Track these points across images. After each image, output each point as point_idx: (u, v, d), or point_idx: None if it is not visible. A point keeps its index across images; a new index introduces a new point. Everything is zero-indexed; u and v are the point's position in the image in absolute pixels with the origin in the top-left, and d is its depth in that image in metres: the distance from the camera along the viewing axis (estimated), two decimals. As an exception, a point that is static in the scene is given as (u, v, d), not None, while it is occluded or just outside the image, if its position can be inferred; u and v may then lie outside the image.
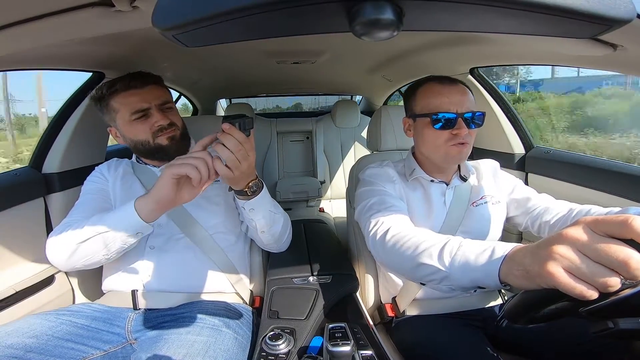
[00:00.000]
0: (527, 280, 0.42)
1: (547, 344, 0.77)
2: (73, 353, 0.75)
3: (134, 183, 0.97)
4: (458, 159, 0.85)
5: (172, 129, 0.93)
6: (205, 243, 0.93)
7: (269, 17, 0.31)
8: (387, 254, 0.70)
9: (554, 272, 0.37)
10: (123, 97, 0.89)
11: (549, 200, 0.87)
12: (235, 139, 0.67)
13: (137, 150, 0.95)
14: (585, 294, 0.35)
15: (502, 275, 0.47)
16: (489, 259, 0.49)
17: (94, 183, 0.97)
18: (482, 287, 0.52)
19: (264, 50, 1.29)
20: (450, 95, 0.81)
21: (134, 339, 0.83)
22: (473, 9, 0.31)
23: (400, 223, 0.73)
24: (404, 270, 0.68)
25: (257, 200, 0.83)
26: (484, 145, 1.50)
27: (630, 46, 0.64)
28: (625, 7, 0.30)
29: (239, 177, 0.74)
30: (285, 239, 1.02)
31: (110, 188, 0.96)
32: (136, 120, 0.89)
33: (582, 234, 0.37)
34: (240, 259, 1.02)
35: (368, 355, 0.63)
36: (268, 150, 2.37)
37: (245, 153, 0.69)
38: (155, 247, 0.90)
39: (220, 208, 0.97)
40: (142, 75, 0.93)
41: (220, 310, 0.88)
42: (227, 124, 0.66)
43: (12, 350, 0.68)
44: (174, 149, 0.93)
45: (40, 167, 1.10)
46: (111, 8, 0.55)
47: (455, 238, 0.59)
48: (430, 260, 0.58)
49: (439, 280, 0.58)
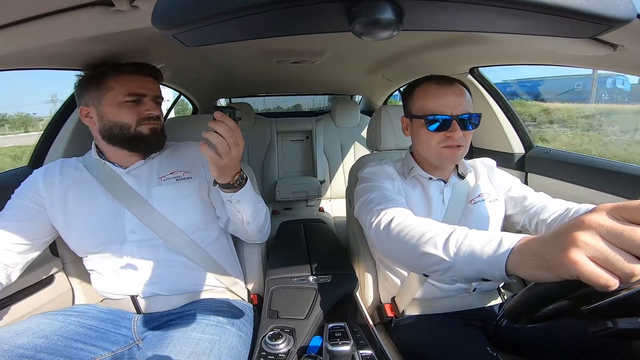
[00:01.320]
0: (545, 271, 0.39)
1: (547, 344, 0.77)
2: (82, 354, 0.75)
3: (93, 186, 0.89)
4: (452, 161, 0.86)
5: (157, 122, 0.91)
6: (183, 244, 0.89)
7: (269, 17, 0.31)
8: (391, 243, 0.68)
9: (578, 260, 0.35)
10: (126, 79, 0.86)
11: (546, 199, 0.87)
12: (227, 125, 0.70)
13: (111, 134, 0.86)
14: (610, 283, 0.33)
15: (511, 267, 0.45)
16: (496, 250, 0.48)
17: (25, 195, 0.87)
18: (487, 279, 0.50)
19: (263, 50, 1.29)
20: (446, 96, 0.82)
21: (140, 339, 0.83)
22: (473, 9, 0.31)
23: (404, 213, 0.72)
24: (407, 260, 0.65)
25: (243, 192, 0.83)
26: (484, 145, 1.50)
27: (630, 46, 0.64)
28: (625, 7, 0.30)
29: (227, 166, 0.74)
30: (267, 229, 1.01)
31: (45, 198, 0.87)
32: (127, 103, 0.86)
33: (605, 220, 0.35)
34: (225, 257, 0.99)
35: (368, 355, 0.63)
36: (268, 150, 2.37)
37: (235, 140, 0.71)
38: (134, 255, 0.87)
39: (196, 205, 0.94)
40: (149, 66, 0.92)
41: (224, 308, 0.88)
42: (218, 112, 0.70)
43: (23, 350, 0.68)
44: (154, 140, 0.90)
45: (39, 166, 1.09)
46: (111, 8, 0.55)
47: (461, 228, 0.58)
48: (434, 250, 0.57)
49: (443, 270, 0.56)
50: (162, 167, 0.95)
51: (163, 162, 0.96)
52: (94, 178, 0.90)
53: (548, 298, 0.41)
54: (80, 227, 0.86)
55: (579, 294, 0.38)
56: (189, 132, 1.20)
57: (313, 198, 2.32)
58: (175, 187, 0.92)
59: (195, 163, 0.97)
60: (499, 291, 0.96)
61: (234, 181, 0.79)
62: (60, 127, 1.10)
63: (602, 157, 1.12)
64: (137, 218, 0.87)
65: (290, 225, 1.44)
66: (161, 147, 0.96)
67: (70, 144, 1.11)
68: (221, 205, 0.93)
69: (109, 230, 0.87)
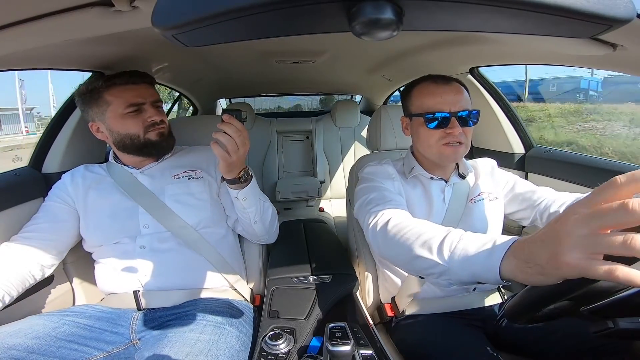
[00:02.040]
0: (543, 276, 0.38)
1: (547, 344, 0.77)
2: (76, 354, 0.75)
3: (110, 186, 0.95)
4: (453, 159, 0.86)
5: (162, 126, 0.96)
6: (192, 239, 0.93)
7: (269, 17, 0.31)
8: (387, 245, 0.69)
9: (570, 262, 0.34)
10: (120, 91, 0.90)
11: (552, 192, 0.88)
12: (235, 126, 0.76)
13: (124, 145, 0.93)
14: (634, 278, 0.30)
15: (507, 272, 0.44)
16: (489, 255, 0.47)
17: (56, 196, 0.95)
18: (482, 282, 0.50)
19: (263, 50, 1.29)
20: (445, 94, 0.83)
21: (138, 339, 0.83)
22: (473, 9, 0.31)
23: (402, 214, 0.72)
24: (403, 263, 0.66)
25: (249, 189, 0.87)
26: (484, 145, 1.50)
27: (630, 46, 0.64)
28: (625, 7, 0.30)
29: (235, 163, 0.79)
30: (275, 228, 1.06)
31: (73, 198, 0.94)
32: (129, 114, 0.91)
33: (582, 207, 0.34)
34: (232, 254, 1.02)
35: (368, 354, 0.63)
36: (268, 150, 2.37)
37: (243, 140, 0.77)
38: (146, 246, 0.91)
39: (206, 203, 0.98)
40: (139, 73, 0.95)
41: (223, 308, 0.88)
42: (227, 115, 0.77)
43: (15, 352, 0.68)
44: (163, 145, 0.96)
45: (40, 167, 1.10)
46: (111, 8, 0.55)
47: (456, 231, 0.57)
48: (429, 254, 0.57)
49: (438, 274, 0.56)
50: (174, 166, 1.00)
51: (176, 162, 1.02)
52: (112, 179, 0.97)
53: (548, 298, 0.41)
54: (97, 220, 0.92)
55: (579, 294, 0.38)
56: (189, 132, 1.20)
57: (313, 198, 2.32)
58: (186, 185, 0.97)
59: (207, 164, 1.03)
60: (499, 291, 0.96)
61: (239, 176, 0.84)
62: (61, 127, 1.10)
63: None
64: (149, 214, 0.92)
65: (290, 225, 1.44)
66: (171, 149, 1.02)
67: (71, 144, 1.11)
68: (230, 205, 0.98)
69: (124, 224, 0.92)
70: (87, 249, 0.96)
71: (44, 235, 0.88)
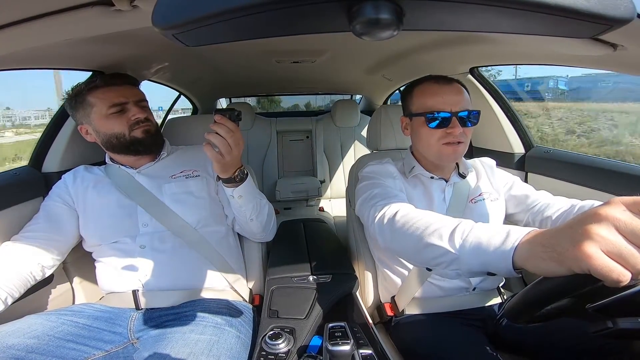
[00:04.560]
0: (555, 263, 0.38)
1: (547, 344, 0.77)
2: (74, 354, 0.75)
3: (109, 186, 0.96)
4: (453, 158, 0.87)
5: (147, 123, 0.96)
6: (193, 239, 0.93)
7: (269, 17, 0.31)
8: (394, 236, 0.67)
9: (591, 254, 0.34)
10: (102, 92, 0.91)
11: (548, 196, 0.88)
12: (227, 127, 0.75)
13: (111, 145, 0.94)
14: (622, 278, 0.33)
15: (519, 259, 0.43)
16: (503, 242, 0.46)
17: (57, 195, 0.96)
18: (492, 273, 0.49)
19: (263, 50, 1.29)
20: (445, 94, 0.83)
21: (136, 339, 0.83)
22: (473, 9, 0.31)
23: (408, 207, 0.72)
24: (411, 252, 0.64)
25: (244, 187, 0.88)
26: (484, 145, 1.50)
27: (630, 46, 0.64)
28: (625, 7, 0.30)
29: (229, 163, 0.79)
30: (272, 226, 1.06)
31: (73, 198, 0.95)
32: (113, 114, 0.91)
33: (622, 214, 0.34)
34: (232, 254, 1.02)
35: (368, 354, 0.63)
36: (268, 150, 2.36)
37: (236, 140, 0.76)
38: (146, 246, 0.91)
39: (204, 201, 0.98)
40: (121, 75, 0.96)
41: (223, 309, 0.88)
42: (218, 115, 0.75)
43: (14, 351, 0.68)
44: (149, 142, 0.96)
45: (39, 166, 1.09)
46: (111, 8, 0.55)
47: (467, 221, 0.57)
48: (440, 241, 0.55)
49: (448, 263, 0.55)
50: (172, 166, 1.01)
51: (173, 162, 1.02)
52: (110, 179, 0.97)
53: (548, 297, 0.41)
54: (95, 219, 0.93)
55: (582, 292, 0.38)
56: (188, 132, 1.20)
57: (313, 198, 2.32)
58: (184, 184, 0.98)
59: (204, 162, 1.03)
60: (499, 290, 0.96)
61: (234, 176, 0.84)
62: (61, 127, 1.10)
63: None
64: (148, 213, 0.92)
65: (290, 225, 1.44)
66: (160, 147, 1.01)
67: (70, 145, 1.11)
68: (228, 203, 0.98)
69: (122, 223, 0.92)
70: (87, 249, 0.96)
71: (45, 235, 0.88)
